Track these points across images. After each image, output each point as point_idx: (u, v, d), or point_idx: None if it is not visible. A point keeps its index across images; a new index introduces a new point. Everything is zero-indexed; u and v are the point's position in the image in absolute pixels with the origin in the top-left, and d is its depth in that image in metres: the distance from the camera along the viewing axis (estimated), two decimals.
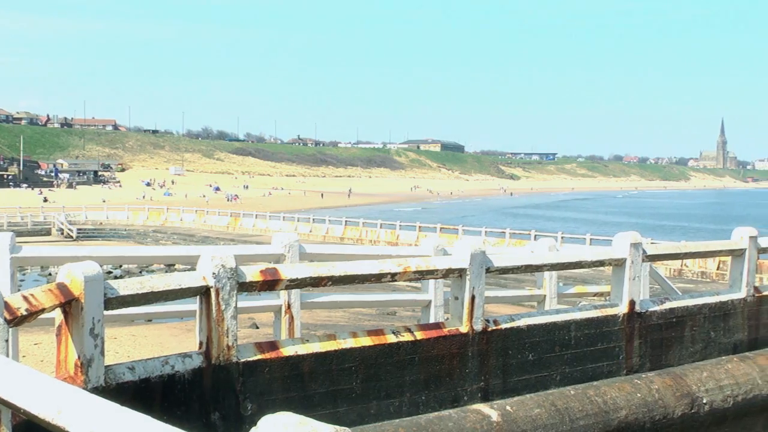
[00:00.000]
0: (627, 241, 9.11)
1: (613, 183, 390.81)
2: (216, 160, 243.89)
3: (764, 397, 10.06)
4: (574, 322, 8.47)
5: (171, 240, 63.68)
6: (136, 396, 5.65)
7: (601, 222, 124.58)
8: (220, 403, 6.15)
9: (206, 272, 6.15)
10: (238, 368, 6.24)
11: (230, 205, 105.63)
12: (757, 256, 11.23)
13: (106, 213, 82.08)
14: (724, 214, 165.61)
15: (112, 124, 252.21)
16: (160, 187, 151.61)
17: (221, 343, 6.18)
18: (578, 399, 8.04)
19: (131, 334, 15.99)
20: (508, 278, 29.05)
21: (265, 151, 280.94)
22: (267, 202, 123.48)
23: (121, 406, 2.77)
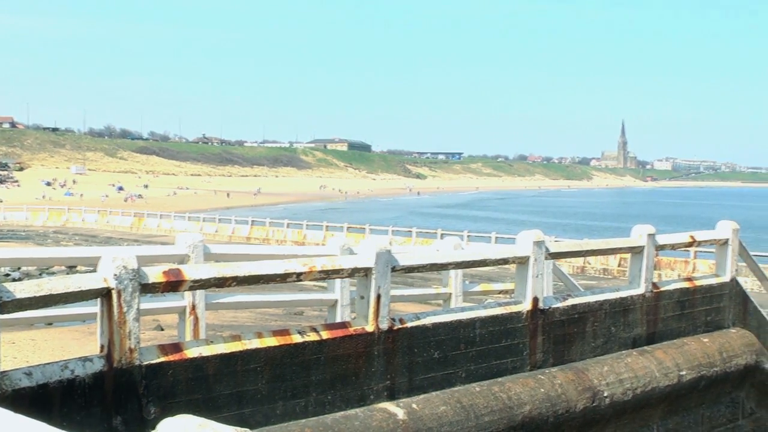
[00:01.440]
0: (530, 240, 9.25)
1: (518, 182, 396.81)
2: (119, 159, 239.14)
3: (662, 389, 10.35)
4: (479, 320, 8.56)
5: (72, 241, 62.09)
6: (34, 402, 5.50)
7: (507, 220, 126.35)
8: (123, 407, 6.03)
9: (107, 274, 6.02)
10: (140, 371, 6.13)
11: (133, 205, 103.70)
12: (655, 253, 11.54)
13: (3, 213, 79.78)
14: (624, 212, 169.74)
15: (9, 121, 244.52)
16: (61, 187, 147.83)
17: (123, 345, 6.06)
18: (483, 395, 8.13)
19: (31, 338, 15.57)
20: (415, 277, 29.23)
21: (169, 150, 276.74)
22: (172, 202, 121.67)
23: (15, 413, 2.68)
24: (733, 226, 12.67)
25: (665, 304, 11.29)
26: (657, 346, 10.87)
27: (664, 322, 11.28)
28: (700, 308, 11.97)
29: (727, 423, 12.12)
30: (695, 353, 11.12)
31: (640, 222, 11.95)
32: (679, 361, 10.75)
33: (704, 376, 11.12)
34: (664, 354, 10.67)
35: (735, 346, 11.84)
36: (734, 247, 12.65)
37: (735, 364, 11.70)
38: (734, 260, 12.67)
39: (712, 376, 11.30)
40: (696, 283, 11.99)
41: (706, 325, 12.03)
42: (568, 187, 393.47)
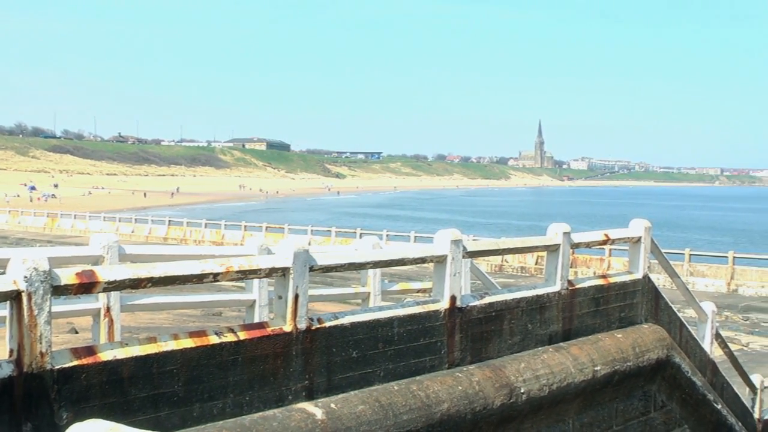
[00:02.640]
0: (448, 239, 9.31)
1: (437, 182, 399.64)
2: (31, 158, 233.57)
3: (577, 385, 10.53)
4: (397, 319, 8.58)
5: None
6: None
7: (427, 220, 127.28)
8: (33, 413, 5.88)
9: (17, 276, 5.86)
10: (52, 376, 5.99)
11: (46, 205, 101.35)
12: (570, 252, 11.73)
13: None
14: (541, 211, 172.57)
15: None
16: None
17: (34, 350, 5.91)
18: (402, 394, 8.16)
19: None
20: (335, 276, 29.24)
21: (84, 149, 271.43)
22: (87, 202, 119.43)
23: None
24: (645, 224, 12.95)
25: (580, 301, 11.48)
26: (572, 342, 11.05)
27: (580, 318, 11.48)
28: (614, 305, 12.21)
29: (640, 416, 12.40)
30: (609, 349, 11.33)
31: (557, 221, 12.14)
32: (594, 357, 10.95)
33: (618, 371, 11.35)
34: (579, 350, 10.85)
35: (647, 341, 12.11)
36: (647, 245, 12.93)
37: (647, 358, 11.97)
38: (647, 258, 12.95)
39: (626, 371, 11.53)
40: (610, 281, 12.22)
41: (620, 321, 12.27)
42: (488, 186, 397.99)
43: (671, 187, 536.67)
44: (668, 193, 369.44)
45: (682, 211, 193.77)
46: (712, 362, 14.43)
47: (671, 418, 13.14)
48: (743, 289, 39.33)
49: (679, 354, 12.95)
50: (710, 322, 14.65)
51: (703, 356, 14.16)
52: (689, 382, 13.13)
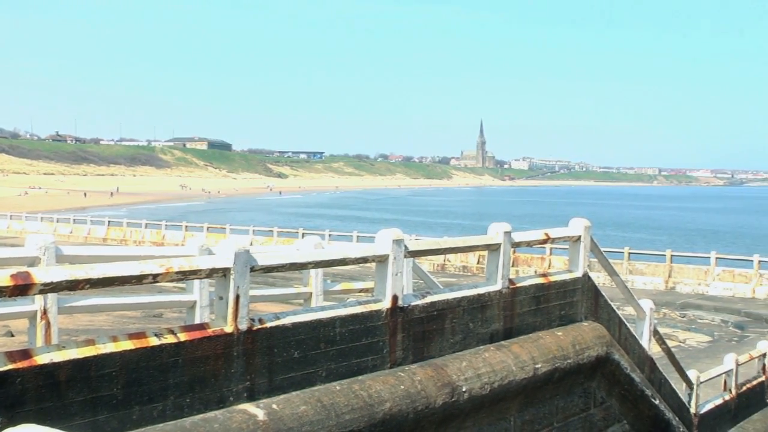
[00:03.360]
0: (389, 238, 9.31)
1: (380, 181, 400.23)
2: None
3: (518, 382, 10.61)
4: (339, 319, 8.56)
5: None
6: None
7: (370, 219, 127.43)
8: None
9: None
10: None
11: None
12: (511, 250, 11.81)
13: None
14: (483, 210, 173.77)
15: None
16: None
17: None
18: (344, 394, 8.15)
19: None
20: (277, 277, 29.10)
21: (20, 148, 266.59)
22: (23, 202, 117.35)
23: None
24: (585, 223, 13.10)
25: (521, 299, 11.57)
26: (514, 340, 11.13)
27: (521, 317, 11.56)
28: (555, 303, 12.32)
29: (580, 412, 12.54)
30: (550, 346, 11.44)
31: (499, 220, 12.21)
32: (535, 355, 11.04)
33: (558, 369, 11.46)
34: (520, 348, 10.93)
35: (587, 339, 12.25)
36: (586, 244, 13.08)
37: (587, 355, 12.11)
38: (586, 256, 13.10)
39: (566, 368, 11.65)
40: (551, 279, 12.33)
41: (560, 319, 12.40)
42: (430, 185, 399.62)
43: (611, 186, 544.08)
44: (608, 193, 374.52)
45: (622, 210, 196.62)
46: (651, 358, 14.64)
47: (610, 414, 13.31)
48: (681, 286, 39.97)
49: (619, 351, 13.13)
50: (648, 320, 14.87)
51: (641, 353, 14.36)
52: (628, 378, 13.32)
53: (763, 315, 32.81)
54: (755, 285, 38.18)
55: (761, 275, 38.42)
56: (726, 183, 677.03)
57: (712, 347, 26.72)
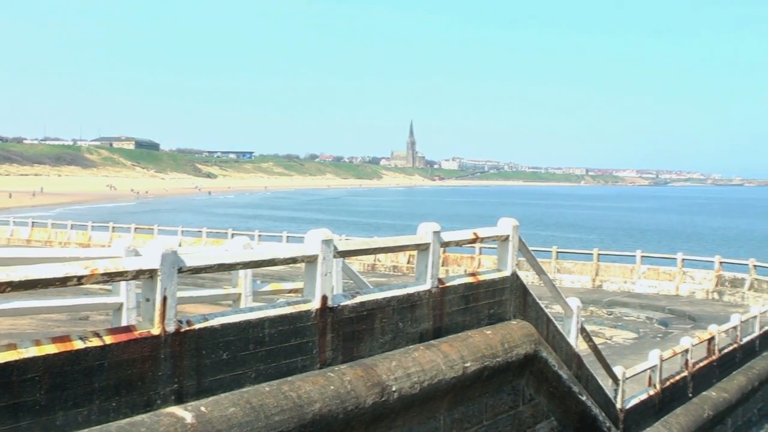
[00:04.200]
0: (318, 238, 9.30)
1: (309, 181, 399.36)
2: None
3: (448, 381, 10.68)
4: (268, 319, 8.52)
5: None
6: None
7: (300, 219, 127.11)
8: None
9: None
10: None
11: None
12: (441, 250, 11.88)
13: None
14: (414, 210, 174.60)
15: None
16: None
17: None
18: (273, 395, 8.11)
19: None
20: (206, 278, 28.81)
21: None
22: None
23: None
24: (513, 223, 13.23)
25: (451, 299, 11.64)
26: (443, 339, 11.20)
27: (450, 316, 11.63)
28: (484, 302, 12.42)
29: (509, 410, 12.67)
30: (479, 345, 11.53)
31: (429, 220, 12.27)
32: (464, 354, 11.12)
33: (487, 367, 11.56)
34: (449, 347, 11.00)
35: (516, 337, 12.38)
36: (514, 243, 13.21)
37: (516, 354, 12.23)
38: (515, 255, 13.23)
39: (495, 367, 11.76)
40: (480, 278, 12.43)
41: (489, 318, 12.50)
42: (360, 185, 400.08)
43: (539, 186, 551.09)
44: (536, 193, 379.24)
45: (550, 209, 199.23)
46: (578, 356, 14.85)
47: (539, 411, 13.48)
48: (607, 284, 40.59)
49: (546, 348, 13.29)
50: (576, 317, 15.08)
51: (569, 350, 14.56)
52: (556, 375, 13.49)
53: (686, 312, 33.48)
54: (679, 282, 38.96)
55: (684, 273, 39.21)
56: (651, 183, 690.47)
57: (637, 344, 27.16)
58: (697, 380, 20.43)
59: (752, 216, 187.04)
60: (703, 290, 38.47)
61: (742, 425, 23.10)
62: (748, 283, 37.30)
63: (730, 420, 22.16)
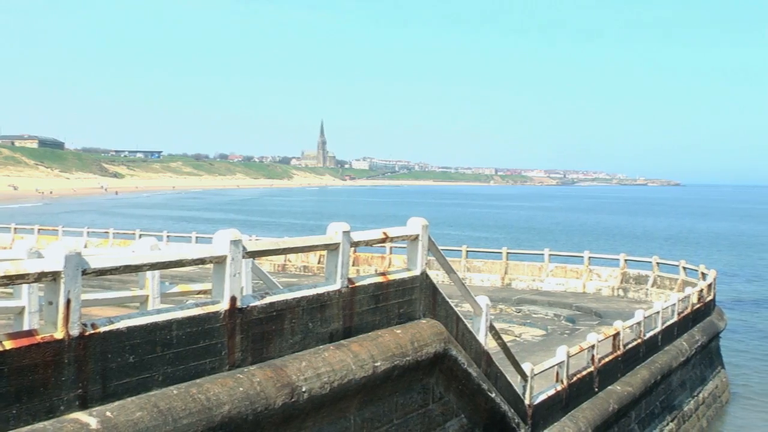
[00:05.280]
0: (227, 239, 9.21)
1: (219, 181, 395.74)
2: None
3: (358, 381, 10.69)
4: (175, 321, 8.40)
5: None
6: None
7: (210, 220, 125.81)
8: None
9: None
10: None
11: None
12: (351, 250, 11.88)
13: None
14: (324, 210, 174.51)
15: None
16: None
17: None
18: (181, 398, 8.00)
19: None
20: (113, 280, 28.25)
21: None
22: None
23: None
24: (422, 222, 13.31)
25: (361, 298, 11.65)
26: (353, 339, 11.20)
27: (360, 316, 11.64)
28: (394, 301, 12.46)
29: (419, 408, 12.74)
30: (389, 344, 11.57)
31: (340, 220, 12.26)
32: (374, 353, 11.15)
33: (398, 366, 11.61)
34: (359, 347, 11.01)
35: (425, 336, 12.46)
36: (424, 243, 13.29)
37: (426, 352, 12.31)
38: (424, 254, 13.31)
39: (405, 365, 11.82)
40: (389, 278, 12.47)
41: (399, 317, 12.55)
42: (271, 185, 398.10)
43: (449, 186, 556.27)
44: (447, 192, 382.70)
45: (460, 209, 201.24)
46: (487, 353, 15.02)
47: (449, 409, 13.59)
48: (516, 282, 41.15)
49: (456, 347, 13.41)
50: (485, 315, 15.25)
51: (478, 348, 14.72)
52: (465, 373, 13.63)
53: (593, 308, 34.17)
54: (585, 280, 39.74)
55: (591, 271, 40.02)
56: (558, 182, 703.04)
57: (545, 340, 27.59)
58: (603, 375, 20.87)
59: (655, 215, 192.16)
60: (609, 287, 39.36)
61: (645, 418, 23.68)
62: (651, 280, 38.30)
63: (634, 413, 22.71)
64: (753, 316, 52.15)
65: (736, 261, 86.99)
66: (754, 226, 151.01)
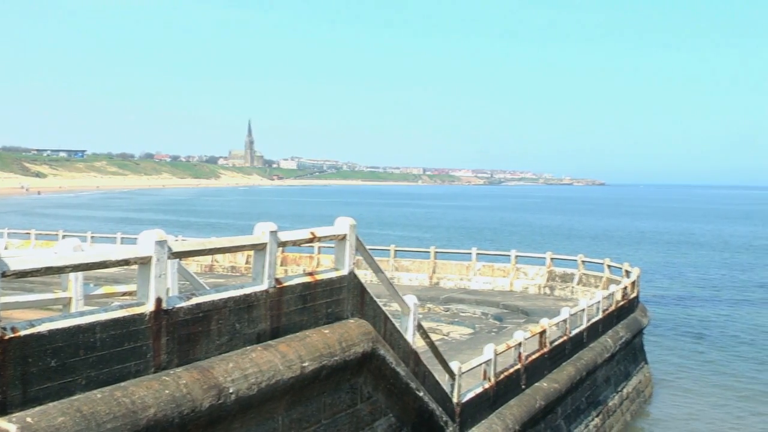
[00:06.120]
0: (152, 239, 9.09)
1: (145, 181, 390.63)
2: None
3: (286, 382, 10.64)
4: (99, 324, 8.25)
5: None
6: None
7: (136, 220, 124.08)
8: None
9: None
10: None
11: None
12: (278, 250, 11.81)
13: None
14: (252, 210, 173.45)
15: None
16: None
17: None
18: (105, 402, 7.87)
19: None
20: (36, 282, 27.71)
21: None
22: None
23: None
24: (350, 222, 13.31)
25: (288, 298, 11.60)
26: (281, 340, 11.15)
27: (288, 316, 11.59)
28: (322, 301, 12.43)
29: (348, 408, 12.74)
30: (317, 344, 11.55)
31: (268, 220, 12.19)
32: (302, 353, 11.11)
33: (326, 366, 11.59)
34: (287, 347, 10.96)
35: (353, 336, 12.46)
36: (352, 242, 13.29)
37: (354, 352, 12.31)
38: (352, 254, 13.31)
39: (333, 365, 11.80)
40: (317, 278, 12.43)
41: (327, 317, 12.53)
42: (198, 185, 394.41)
43: (378, 185, 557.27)
44: (375, 192, 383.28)
45: (389, 209, 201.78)
46: (415, 352, 15.08)
47: (377, 408, 13.61)
48: (444, 281, 41.39)
49: (384, 346, 13.44)
50: (413, 315, 15.31)
51: (406, 347, 14.76)
52: (393, 372, 13.66)
53: (520, 306, 34.54)
54: (512, 278, 40.16)
55: (518, 269, 40.46)
56: (486, 182, 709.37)
57: (473, 339, 27.78)
58: (530, 372, 21.12)
59: (581, 213, 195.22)
60: (535, 285, 39.85)
61: (571, 413, 24.04)
62: (577, 278, 38.89)
63: (561, 409, 23.03)
64: (675, 312, 53.36)
65: (659, 258, 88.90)
66: (677, 225, 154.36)
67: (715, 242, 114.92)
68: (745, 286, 68.61)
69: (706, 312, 54.36)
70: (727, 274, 77.35)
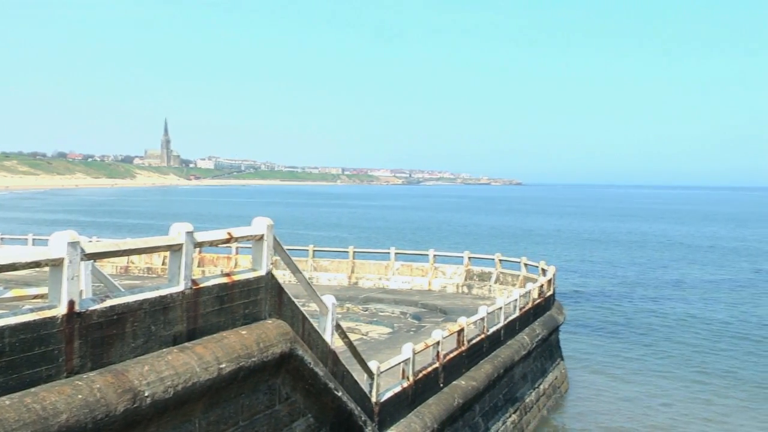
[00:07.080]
0: (64, 240, 8.90)
1: (58, 181, 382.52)
2: None
3: (203, 384, 10.52)
4: (8, 328, 8.04)
5: None
6: None
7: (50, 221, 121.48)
8: None
9: None
10: None
11: None
12: (195, 251, 11.68)
13: None
14: (169, 210, 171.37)
15: None
16: None
17: None
18: (14, 408, 7.67)
19: None
20: None
21: None
22: None
23: None
24: (267, 222, 13.23)
25: (205, 300, 11.47)
26: (197, 341, 11.03)
27: (205, 317, 11.47)
28: (239, 302, 12.34)
29: (266, 409, 12.67)
30: (234, 346, 11.45)
31: (185, 220, 12.06)
32: (219, 355, 11.00)
33: (243, 367, 11.50)
34: (204, 349, 10.85)
35: (271, 336, 12.39)
36: (269, 242, 13.22)
37: (272, 353, 12.24)
38: (270, 255, 13.23)
39: (251, 366, 11.72)
40: (234, 278, 12.33)
41: (244, 318, 12.43)
42: (113, 185, 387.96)
43: (296, 185, 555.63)
44: (294, 192, 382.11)
45: (307, 208, 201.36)
46: (333, 352, 15.07)
47: (295, 409, 13.56)
48: (363, 281, 41.46)
49: (302, 347, 13.39)
50: (331, 315, 15.30)
51: (324, 347, 14.74)
52: (312, 373, 13.63)
53: (438, 305, 34.80)
54: (431, 278, 40.43)
55: (436, 269, 40.75)
56: (404, 182, 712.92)
57: (392, 338, 27.89)
58: (448, 370, 21.28)
59: (498, 213, 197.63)
60: (453, 284, 40.18)
61: (489, 410, 24.30)
62: (494, 277, 39.34)
63: (479, 406, 23.26)
64: (590, 309, 54.41)
65: (574, 256, 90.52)
66: (591, 224, 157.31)
67: (631, 240, 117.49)
68: (657, 282, 70.30)
69: (620, 308, 55.60)
70: (641, 271, 79.18)
